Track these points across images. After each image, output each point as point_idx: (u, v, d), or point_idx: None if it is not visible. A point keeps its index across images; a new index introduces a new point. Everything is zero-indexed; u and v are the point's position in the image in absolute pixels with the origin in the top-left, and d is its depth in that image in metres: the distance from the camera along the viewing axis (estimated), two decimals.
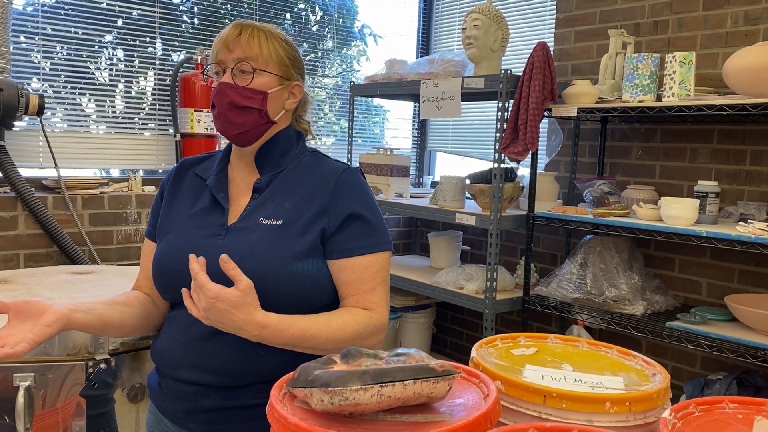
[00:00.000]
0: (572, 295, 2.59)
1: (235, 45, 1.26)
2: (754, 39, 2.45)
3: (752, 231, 2.01)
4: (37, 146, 2.80)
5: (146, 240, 1.42)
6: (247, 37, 1.26)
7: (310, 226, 1.25)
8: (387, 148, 3.17)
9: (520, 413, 0.92)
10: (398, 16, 3.99)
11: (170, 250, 1.29)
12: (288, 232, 1.24)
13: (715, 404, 0.90)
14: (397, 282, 3.11)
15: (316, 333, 1.19)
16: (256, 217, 1.27)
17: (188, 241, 1.28)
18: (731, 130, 2.53)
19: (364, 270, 1.27)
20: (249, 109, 1.27)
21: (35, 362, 1.55)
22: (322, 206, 1.27)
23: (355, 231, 1.27)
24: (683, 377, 2.66)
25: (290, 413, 0.82)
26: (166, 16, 3.13)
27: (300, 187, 1.30)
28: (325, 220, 1.26)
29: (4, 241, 2.59)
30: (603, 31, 2.90)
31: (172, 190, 1.39)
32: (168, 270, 1.28)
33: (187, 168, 1.41)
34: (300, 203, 1.28)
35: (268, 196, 1.31)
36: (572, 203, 3.00)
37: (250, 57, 1.26)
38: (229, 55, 1.26)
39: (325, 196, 1.28)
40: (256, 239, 1.24)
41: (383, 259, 1.30)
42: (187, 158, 1.44)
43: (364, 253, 1.27)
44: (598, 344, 1.15)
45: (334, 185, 1.29)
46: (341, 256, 1.26)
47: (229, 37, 1.26)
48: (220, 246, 1.24)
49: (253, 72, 1.26)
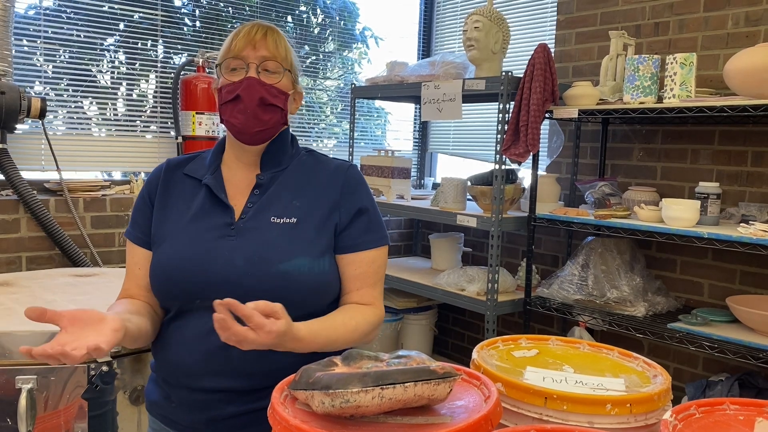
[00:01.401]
0: (574, 297, 2.59)
1: (261, 44, 1.26)
2: (755, 40, 2.45)
3: (753, 232, 2.01)
4: (39, 149, 2.81)
5: (134, 247, 1.34)
6: (274, 38, 1.27)
7: (325, 222, 1.28)
8: (388, 150, 3.18)
9: (521, 415, 0.92)
10: (399, 18, 4.00)
11: (177, 256, 1.25)
12: (304, 230, 1.26)
13: (716, 406, 0.90)
14: (399, 284, 3.11)
15: (338, 338, 1.22)
16: (266, 216, 1.27)
17: (197, 244, 1.24)
18: (732, 132, 2.53)
19: (370, 264, 1.31)
20: (275, 108, 1.28)
21: (37, 365, 1.55)
22: (332, 203, 1.30)
23: (363, 225, 1.31)
24: (685, 378, 2.66)
25: (291, 415, 0.82)
26: (167, 19, 3.14)
27: (306, 185, 1.32)
28: (336, 215, 1.29)
29: (6, 244, 2.59)
30: (604, 33, 2.90)
31: (163, 193, 1.34)
32: (176, 277, 1.23)
33: (174, 169, 1.36)
34: (310, 201, 1.29)
35: (273, 194, 1.30)
36: (573, 205, 2.99)
37: (276, 57, 1.27)
38: (253, 53, 1.26)
39: (335, 192, 1.31)
40: (272, 238, 1.24)
41: (385, 253, 1.35)
42: (171, 159, 1.39)
43: (371, 247, 1.31)
44: (599, 346, 1.15)
45: (343, 182, 1.32)
46: (352, 250, 1.30)
47: (256, 36, 1.26)
48: (233, 247, 1.23)
49: (283, 72, 1.28)
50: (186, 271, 1.23)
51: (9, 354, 1.56)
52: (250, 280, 1.20)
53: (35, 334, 1.57)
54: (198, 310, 1.23)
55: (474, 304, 2.73)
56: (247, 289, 1.19)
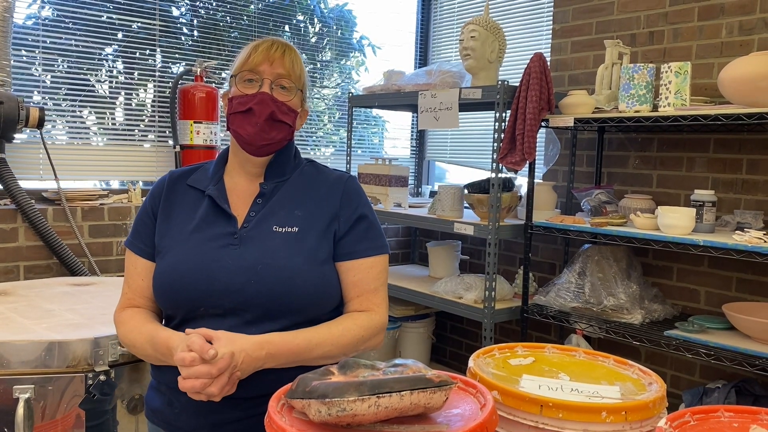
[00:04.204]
0: (571, 304, 2.60)
1: (278, 62, 1.30)
2: (748, 49, 2.47)
3: (749, 240, 2.02)
4: (38, 158, 2.81)
5: (135, 257, 1.35)
6: (291, 57, 1.31)
7: (325, 232, 1.31)
8: (386, 158, 3.19)
9: (517, 423, 0.93)
10: (396, 27, 4.02)
11: (181, 266, 1.26)
12: (305, 239, 1.29)
13: (710, 413, 0.91)
14: (397, 291, 3.11)
15: (321, 341, 1.23)
16: (268, 225, 1.29)
17: (200, 253, 1.26)
18: (727, 140, 2.54)
19: (369, 270, 1.33)
20: (283, 125, 1.32)
21: (35, 374, 1.56)
22: (332, 212, 1.33)
23: (361, 233, 1.34)
24: (682, 386, 2.66)
25: (288, 424, 0.83)
26: (165, 29, 3.15)
27: (307, 196, 1.35)
28: (336, 224, 1.32)
29: (4, 253, 2.59)
30: (599, 42, 2.92)
31: (166, 204, 1.36)
32: (180, 286, 1.25)
33: (177, 180, 1.39)
34: (311, 211, 1.33)
35: (276, 204, 1.33)
36: (570, 212, 3.00)
37: (289, 75, 1.31)
38: (269, 69, 1.29)
39: (335, 202, 1.34)
40: (275, 246, 1.26)
41: (384, 260, 1.37)
42: (174, 170, 1.42)
43: (370, 254, 1.33)
44: (595, 354, 1.15)
45: (343, 191, 1.36)
46: (350, 257, 1.32)
47: (275, 53, 1.30)
48: (237, 255, 1.25)
49: (297, 91, 1.32)
50: (190, 279, 1.25)
51: (7, 363, 1.56)
52: (252, 288, 1.23)
53: (33, 344, 1.57)
54: (202, 318, 1.25)
55: (471, 311, 2.73)
56: (250, 297, 1.23)
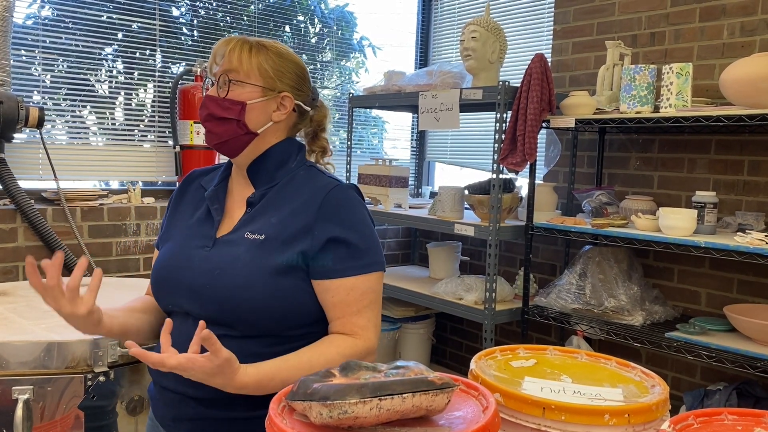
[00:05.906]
0: (571, 306, 2.59)
1: (221, 58, 1.31)
2: (750, 50, 2.46)
3: (750, 241, 2.01)
4: (37, 158, 2.81)
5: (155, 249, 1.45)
6: (229, 50, 1.30)
7: (291, 242, 1.24)
8: (386, 159, 3.18)
9: (520, 425, 0.92)
10: (397, 28, 4.01)
11: (165, 259, 1.33)
12: (268, 248, 1.24)
13: (714, 416, 0.90)
14: (397, 293, 3.10)
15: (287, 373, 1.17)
16: (244, 231, 1.29)
17: (180, 252, 1.32)
18: (729, 141, 2.54)
19: (349, 292, 1.24)
20: (227, 120, 1.30)
21: (34, 375, 1.55)
22: (306, 224, 1.25)
23: (338, 254, 1.25)
24: (683, 387, 2.65)
25: (289, 426, 0.82)
26: (165, 29, 3.15)
27: (287, 202, 1.30)
28: (308, 240, 1.24)
29: (3, 253, 2.59)
30: (600, 43, 2.92)
31: (178, 200, 1.43)
32: (160, 278, 1.32)
33: (194, 178, 1.45)
34: (284, 219, 1.27)
35: (259, 210, 1.31)
36: (571, 214, 3.00)
37: (230, 69, 1.30)
38: (216, 67, 1.32)
39: (310, 213, 1.26)
40: (239, 253, 1.25)
41: (371, 280, 1.26)
42: (197, 169, 1.48)
43: (349, 274, 1.24)
44: (597, 356, 1.15)
45: (320, 204, 1.26)
46: (324, 276, 1.24)
47: (218, 51, 1.32)
48: (204, 257, 1.27)
49: (228, 83, 1.30)
50: (165, 274, 1.31)
51: (5, 364, 1.55)
52: (207, 291, 1.24)
53: (32, 345, 1.56)
54: (172, 315, 1.30)
55: (472, 313, 2.73)
56: (205, 301, 1.24)
